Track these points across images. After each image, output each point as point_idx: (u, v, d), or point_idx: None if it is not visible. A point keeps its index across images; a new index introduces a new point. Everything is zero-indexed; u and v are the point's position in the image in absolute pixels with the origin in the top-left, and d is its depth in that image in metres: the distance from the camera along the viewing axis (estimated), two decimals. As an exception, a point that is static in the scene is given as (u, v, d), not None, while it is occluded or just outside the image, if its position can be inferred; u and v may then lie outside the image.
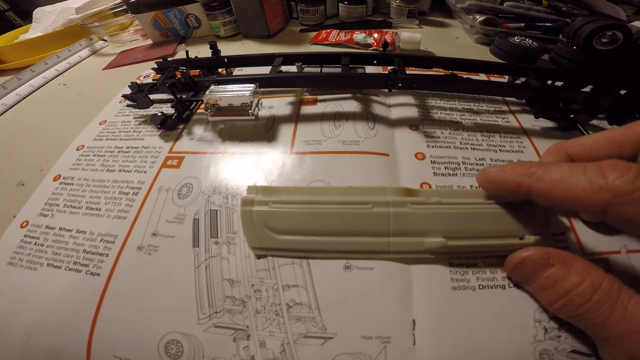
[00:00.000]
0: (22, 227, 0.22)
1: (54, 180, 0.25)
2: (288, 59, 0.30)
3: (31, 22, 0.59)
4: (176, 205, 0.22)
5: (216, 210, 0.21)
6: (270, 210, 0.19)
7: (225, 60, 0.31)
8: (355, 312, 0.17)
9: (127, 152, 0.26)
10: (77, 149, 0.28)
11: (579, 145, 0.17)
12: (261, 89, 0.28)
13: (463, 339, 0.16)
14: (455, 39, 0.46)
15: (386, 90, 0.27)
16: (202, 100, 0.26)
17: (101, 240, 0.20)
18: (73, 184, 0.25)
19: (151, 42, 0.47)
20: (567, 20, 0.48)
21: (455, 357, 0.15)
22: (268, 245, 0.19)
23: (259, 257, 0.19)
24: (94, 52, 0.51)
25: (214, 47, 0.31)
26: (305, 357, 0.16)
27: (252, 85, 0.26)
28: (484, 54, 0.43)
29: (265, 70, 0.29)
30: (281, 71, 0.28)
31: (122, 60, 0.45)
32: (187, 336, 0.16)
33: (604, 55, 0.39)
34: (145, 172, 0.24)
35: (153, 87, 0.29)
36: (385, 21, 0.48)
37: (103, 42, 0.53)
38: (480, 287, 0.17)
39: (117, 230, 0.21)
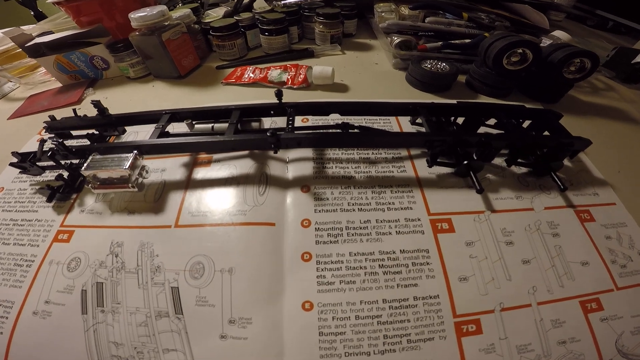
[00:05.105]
0: None
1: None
2: (177, 115, 0.29)
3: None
4: (65, 277, 0.23)
5: (102, 283, 0.22)
6: None
7: (114, 119, 0.30)
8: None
9: (21, 225, 0.27)
10: (-25, 222, 0.27)
11: None
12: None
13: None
14: (375, 65, 0.45)
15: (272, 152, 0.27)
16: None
17: (0, 305, 0.22)
18: (-28, 256, 0.24)
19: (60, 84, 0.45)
20: (486, 34, 0.44)
21: None
22: None
23: None
24: (3, 96, 0.47)
25: (98, 106, 0.29)
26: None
27: (131, 154, 0.25)
28: (400, 81, 0.41)
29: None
30: (167, 132, 0.27)
31: (28, 107, 0.42)
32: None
33: (517, 75, 0.37)
34: (38, 245, 0.25)
35: (34, 158, 0.27)
36: (308, 50, 0.47)
37: (13, 83, 0.49)
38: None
39: (14, 297, 0.23)
